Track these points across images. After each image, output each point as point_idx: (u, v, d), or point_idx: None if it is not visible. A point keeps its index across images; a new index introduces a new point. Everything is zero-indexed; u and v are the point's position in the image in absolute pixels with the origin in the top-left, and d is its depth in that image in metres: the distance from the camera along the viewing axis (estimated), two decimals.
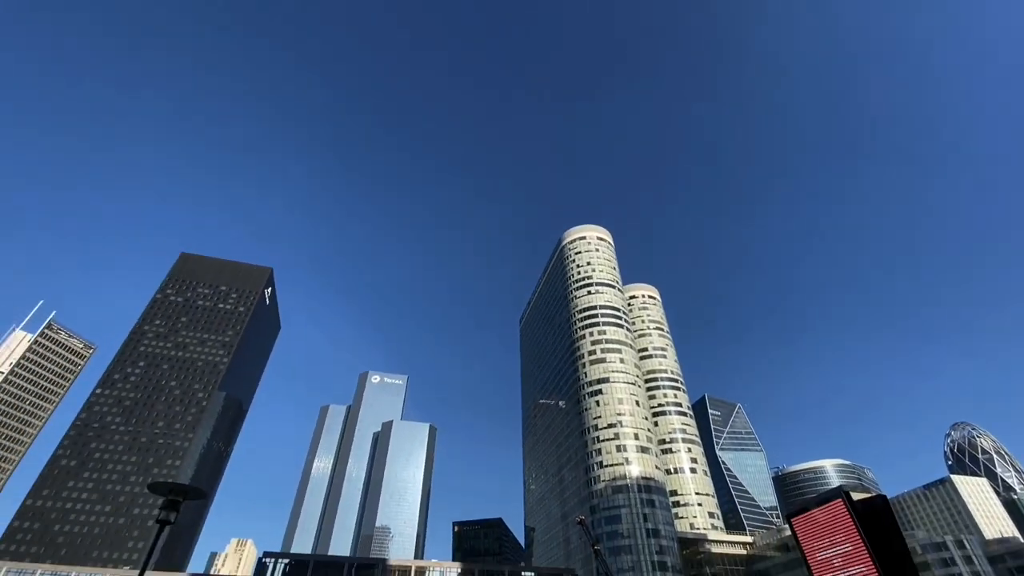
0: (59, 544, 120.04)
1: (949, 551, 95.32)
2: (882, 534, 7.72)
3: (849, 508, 7.66)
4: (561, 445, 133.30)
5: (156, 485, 8.09)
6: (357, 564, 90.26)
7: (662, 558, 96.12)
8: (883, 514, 7.80)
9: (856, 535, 7.50)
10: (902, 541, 7.80)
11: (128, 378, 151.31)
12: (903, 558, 7.63)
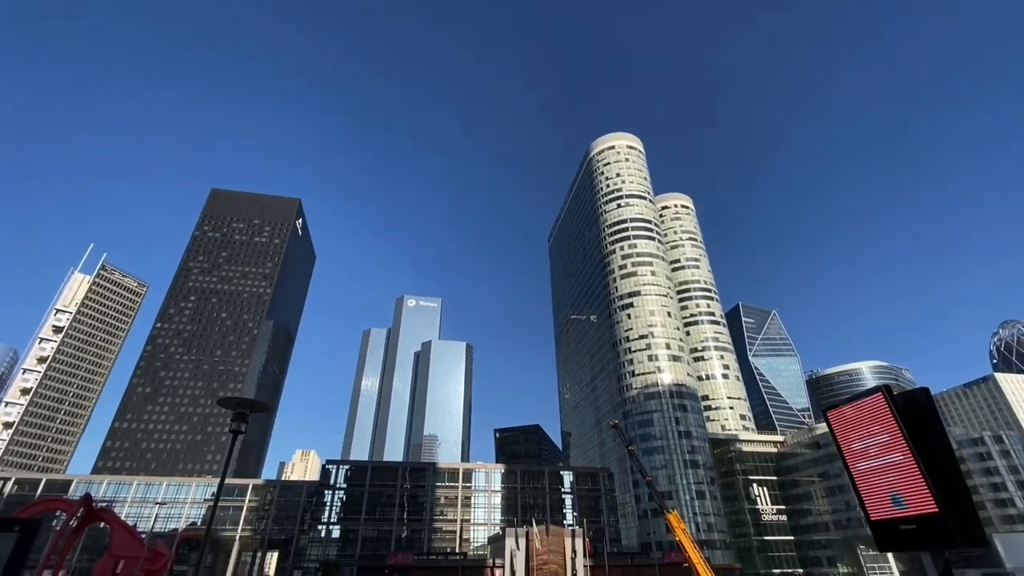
0: (148, 459, 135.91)
1: (986, 446, 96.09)
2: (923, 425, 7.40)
3: (889, 400, 7.33)
4: (593, 357, 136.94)
5: (225, 400, 8.71)
6: (410, 468, 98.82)
7: (693, 457, 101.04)
8: (925, 406, 7.43)
9: (895, 426, 7.23)
10: (943, 432, 7.46)
11: (183, 312, 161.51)
12: (944, 448, 7.32)
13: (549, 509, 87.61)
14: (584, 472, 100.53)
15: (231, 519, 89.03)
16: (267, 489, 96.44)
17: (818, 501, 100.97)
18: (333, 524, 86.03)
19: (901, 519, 7.66)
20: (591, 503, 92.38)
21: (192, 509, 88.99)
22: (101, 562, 39.95)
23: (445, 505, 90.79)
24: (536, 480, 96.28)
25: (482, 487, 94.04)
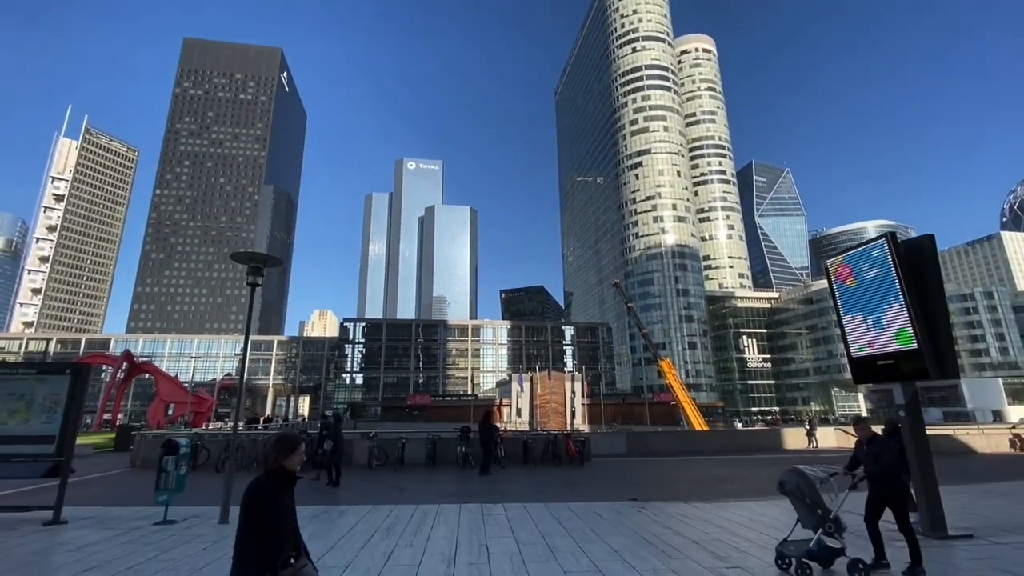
0: (175, 319, 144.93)
1: (975, 301, 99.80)
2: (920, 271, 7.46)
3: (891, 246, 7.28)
4: (598, 219, 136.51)
5: (238, 255, 8.80)
6: (423, 324, 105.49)
7: (689, 312, 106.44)
8: (926, 253, 7.39)
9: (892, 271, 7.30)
10: (939, 277, 7.56)
11: (180, 177, 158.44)
12: (936, 293, 7.50)
13: (551, 359, 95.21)
14: (584, 327, 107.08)
15: (262, 370, 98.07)
16: (291, 344, 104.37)
17: (802, 351, 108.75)
18: (356, 373, 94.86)
19: (880, 355, 8.16)
20: (590, 353, 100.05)
21: (225, 362, 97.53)
22: (153, 406, 44.83)
23: (456, 356, 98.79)
24: (539, 335, 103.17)
25: (489, 341, 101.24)
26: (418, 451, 17.50)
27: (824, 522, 5.26)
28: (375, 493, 11.29)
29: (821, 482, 5.42)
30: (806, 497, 5.39)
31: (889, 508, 5.60)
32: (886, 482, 5.60)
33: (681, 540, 6.96)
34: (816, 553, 5.25)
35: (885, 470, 5.59)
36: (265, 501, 2.55)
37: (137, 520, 8.07)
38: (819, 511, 5.30)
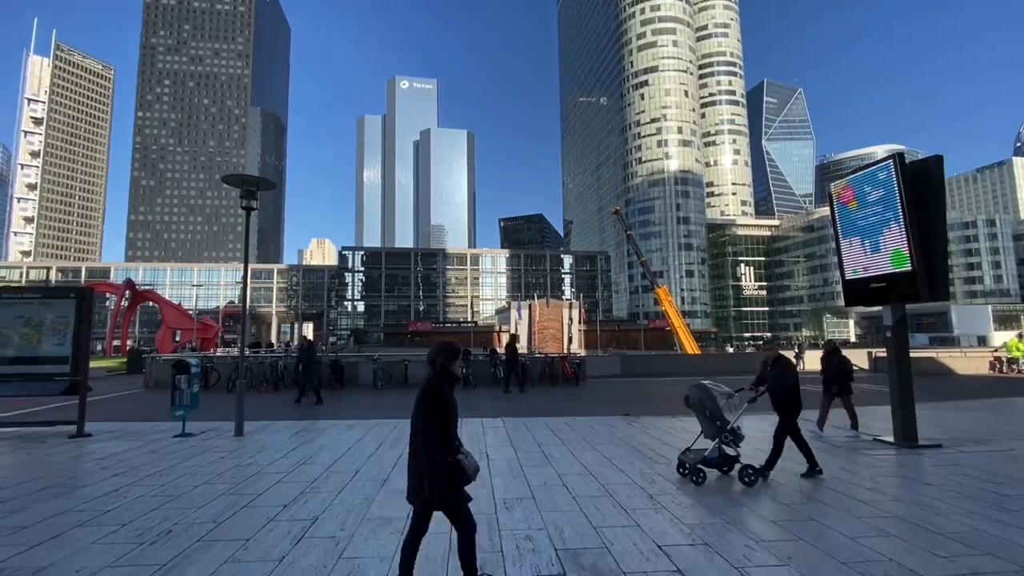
0: (173, 248, 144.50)
1: (976, 229, 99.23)
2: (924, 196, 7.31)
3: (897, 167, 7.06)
4: (600, 144, 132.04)
5: (229, 177, 8.59)
6: (422, 253, 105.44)
7: (688, 240, 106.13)
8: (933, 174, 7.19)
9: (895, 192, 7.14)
10: (942, 200, 7.46)
11: (161, 99, 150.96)
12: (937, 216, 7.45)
13: (550, 287, 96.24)
14: (583, 255, 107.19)
15: (264, 298, 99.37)
16: (291, 273, 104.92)
17: (798, 278, 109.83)
18: (357, 300, 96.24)
19: (874, 278, 8.27)
20: (588, 282, 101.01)
21: (227, 290, 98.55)
22: (160, 333, 45.84)
23: (456, 284, 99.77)
24: (538, 263, 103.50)
25: (489, 269, 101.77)
26: (421, 372, 18.19)
27: (721, 432, 5.61)
28: (381, 409, 11.89)
29: (727, 397, 5.73)
30: (706, 410, 5.72)
31: (780, 418, 5.95)
32: (784, 400, 5.90)
33: (668, 449, 7.45)
34: (712, 460, 5.67)
35: (784, 390, 5.88)
36: (443, 395, 2.95)
37: (157, 433, 8.56)
38: (718, 423, 5.64)
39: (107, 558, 3.70)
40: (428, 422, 2.88)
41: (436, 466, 2.88)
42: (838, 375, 8.50)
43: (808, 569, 3.56)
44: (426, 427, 2.88)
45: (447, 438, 2.95)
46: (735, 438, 5.67)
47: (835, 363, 8.57)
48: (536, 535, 4.16)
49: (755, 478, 5.51)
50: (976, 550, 3.89)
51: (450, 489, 2.95)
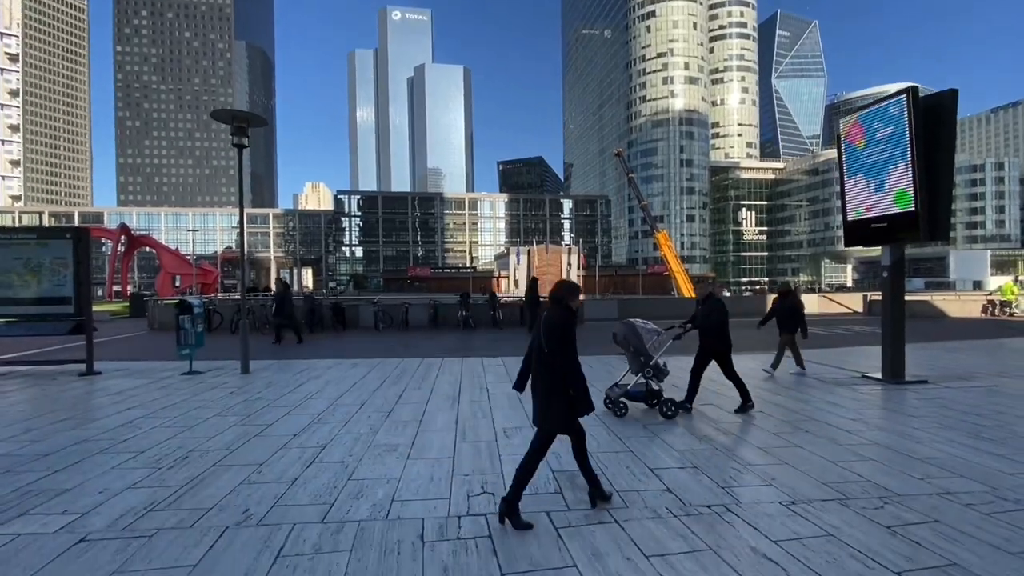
0: (165, 192, 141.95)
1: (983, 172, 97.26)
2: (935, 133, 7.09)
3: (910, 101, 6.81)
4: (603, 81, 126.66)
5: (218, 112, 8.24)
6: (419, 197, 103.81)
7: (691, 184, 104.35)
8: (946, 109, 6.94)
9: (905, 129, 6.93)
10: (952, 137, 7.25)
11: (140, 32, 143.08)
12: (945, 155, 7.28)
13: (549, 232, 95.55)
14: (583, 200, 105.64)
15: (261, 243, 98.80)
16: (287, 217, 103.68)
17: (799, 223, 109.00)
18: (355, 246, 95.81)
19: (875, 218, 8.22)
20: (588, 227, 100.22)
21: (223, 235, 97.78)
22: (160, 278, 45.89)
23: (454, 230, 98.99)
24: (538, 208, 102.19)
25: (487, 214, 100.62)
26: (421, 315, 18.46)
27: (644, 368, 5.77)
28: (383, 349, 12.16)
29: (653, 334, 5.87)
30: (630, 346, 5.86)
31: (715, 361, 6.10)
32: (714, 337, 6.03)
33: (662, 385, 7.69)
34: (635, 394, 5.86)
35: (713, 327, 5.99)
36: (572, 327, 3.27)
37: (165, 372, 8.79)
38: (641, 358, 5.78)
39: (128, 481, 3.90)
40: (570, 351, 3.20)
41: (583, 387, 3.24)
42: (790, 315, 8.55)
43: (790, 489, 3.78)
44: (570, 355, 3.20)
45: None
46: (657, 373, 5.81)
47: (788, 305, 8.63)
48: None
49: (674, 411, 5.71)
50: (951, 473, 4.12)
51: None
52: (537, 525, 3.17)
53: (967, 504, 3.52)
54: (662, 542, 2.98)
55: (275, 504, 3.47)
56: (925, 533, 3.10)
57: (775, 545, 2.95)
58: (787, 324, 8.56)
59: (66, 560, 2.76)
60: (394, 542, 2.96)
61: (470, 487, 3.79)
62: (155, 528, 3.13)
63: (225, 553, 2.83)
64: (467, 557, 2.80)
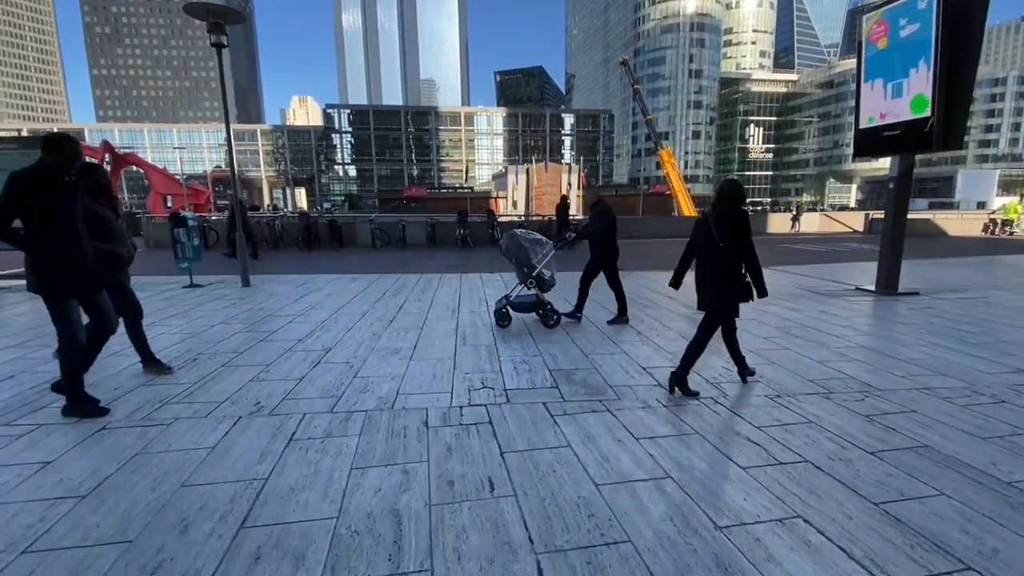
0: (146, 107, 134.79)
1: (1004, 87, 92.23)
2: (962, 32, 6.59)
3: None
4: None
5: (191, 6, 7.60)
6: (412, 112, 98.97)
7: (698, 97, 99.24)
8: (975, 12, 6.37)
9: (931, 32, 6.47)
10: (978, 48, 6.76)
11: None
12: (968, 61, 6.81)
13: (549, 150, 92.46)
14: (585, 114, 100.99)
15: (252, 162, 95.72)
16: (276, 134, 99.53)
17: (807, 141, 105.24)
18: (348, 164, 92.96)
19: (888, 126, 7.89)
20: (589, 144, 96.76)
21: (211, 153, 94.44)
22: (151, 199, 44.75)
23: (450, 147, 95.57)
24: (537, 123, 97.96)
25: (484, 130, 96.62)
26: (419, 233, 18.33)
27: (527, 278, 5.69)
28: (382, 266, 12.19)
29: (536, 244, 5.77)
30: (513, 257, 5.77)
31: (603, 271, 6.04)
32: (600, 244, 5.92)
33: (658, 296, 7.81)
34: (519, 304, 5.82)
35: (598, 234, 5.87)
36: (747, 222, 3.61)
37: (166, 285, 8.86)
38: (525, 268, 5.72)
39: (141, 380, 4.05)
40: (748, 244, 3.57)
41: (761, 275, 3.62)
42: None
43: (777, 385, 3.96)
44: (749, 248, 3.57)
45: None
46: (541, 284, 5.71)
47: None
48: (532, 360, 4.53)
49: (557, 320, 5.76)
50: (932, 372, 4.29)
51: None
52: (534, 414, 3.35)
53: (945, 398, 3.70)
54: (651, 427, 3.16)
55: (285, 398, 3.63)
56: (901, 421, 3.29)
57: (758, 430, 3.13)
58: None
59: (90, 443, 2.93)
60: (400, 428, 3.13)
61: (471, 383, 3.95)
62: (172, 418, 3.29)
63: (240, 437, 3.01)
64: (469, 439, 2.98)
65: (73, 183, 3.24)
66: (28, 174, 3.06)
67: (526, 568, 1.91)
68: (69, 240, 3.20)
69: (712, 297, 3.68)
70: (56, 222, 3.15)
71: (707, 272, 3.68)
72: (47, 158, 3.12)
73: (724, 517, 2.23)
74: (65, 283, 3.24)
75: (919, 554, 2.00)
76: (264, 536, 2.09)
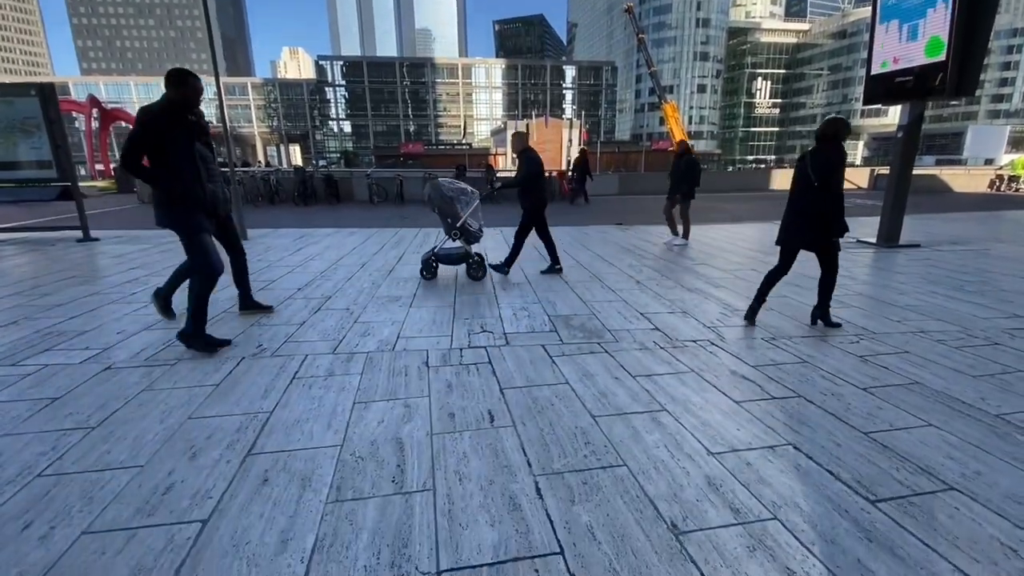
0: (131, 59, 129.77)
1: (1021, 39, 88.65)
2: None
3: None
4: None
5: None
6: (408, 64, 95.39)
7: (705, 49, 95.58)
8: None
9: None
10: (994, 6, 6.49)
11: None
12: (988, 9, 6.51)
13: (549, 104, 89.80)
14: (587, 67, 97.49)
15: (243, 117, 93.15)
16: (267, 87, 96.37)
17: (816, 95, 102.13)
18: (343, 120, 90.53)
19: (901, 71, 7.62)
20: (591, 98, 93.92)
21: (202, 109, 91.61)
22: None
23: (447, 101, 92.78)
24: (537, 76, 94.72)
25: (482, 83, 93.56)
26: (416, 188, 18.05)
27: (452, 229, 5.53)
28: (380, 220, 12.08)
29: (463, 193, 5.60)
30: (436, 208, 5.62)
31: (536, 228, 5.87)
32: (524, 194, 5.72)
33: (657, 248, 7.79)
34: (444, 256, 5.69)
35: (526, 182, 5.65)
36: (843, 163, 3.76)
37: (164, 238, 8.79)
38: (449, 220, 5.56)
39: (143, 323, 4.09)
40: (838, 183, 3.67)
41: (843, 211, 3.76)
42: (685, 176, 7.93)
43: (773, 328, 4.00)
44: (840, 186, 3.68)
45: None
46: (467, 235, 5.54)
47: (683, 164, 7.96)
48: (532, 307, 4.56)
49: (484, 273, 5.66)
50: (927, 317, 4.33)
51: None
52: (533, 355, 3.39)
53: (938, 340, 3.75)
54: (649, 366, 3.21)
55: (286, 341, 3.67)
56: (894, 361, 3.34)
57: (753, 369, 3.19)
58: (681, 186, 7.97)
59: (97, 382, 2.98)
60: (401, 367, 3.18)
61: (471, 327, 3.98)
62: (175, 358, 3.33)
63: (244, 376, 3.06)
64: (469, 377, 3.03)
65: (193, 120, 3.30)
66: (156, 110, 3.12)
67: (525, 488, 1.98)
68: (192, 177, 3.28)
69: (806, 234, 3.88)
70: (179, 159, 3.22)
71: (799, 211, 3.84)
72: (172, 94, 3.17)
73: (717, 445, 2.30)
74: (195, 216, 3.36)
75: (904, 476, 2.07)
76: (271, 461, 2.16)
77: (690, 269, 6.24)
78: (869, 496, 1.94)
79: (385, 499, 1.91)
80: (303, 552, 1.65)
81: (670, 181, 8.13)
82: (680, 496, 1.93)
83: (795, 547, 1.68)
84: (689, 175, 7.94)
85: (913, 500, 1.92)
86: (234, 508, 1.86)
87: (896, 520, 1.81)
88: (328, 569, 1.58)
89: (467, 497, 1.92)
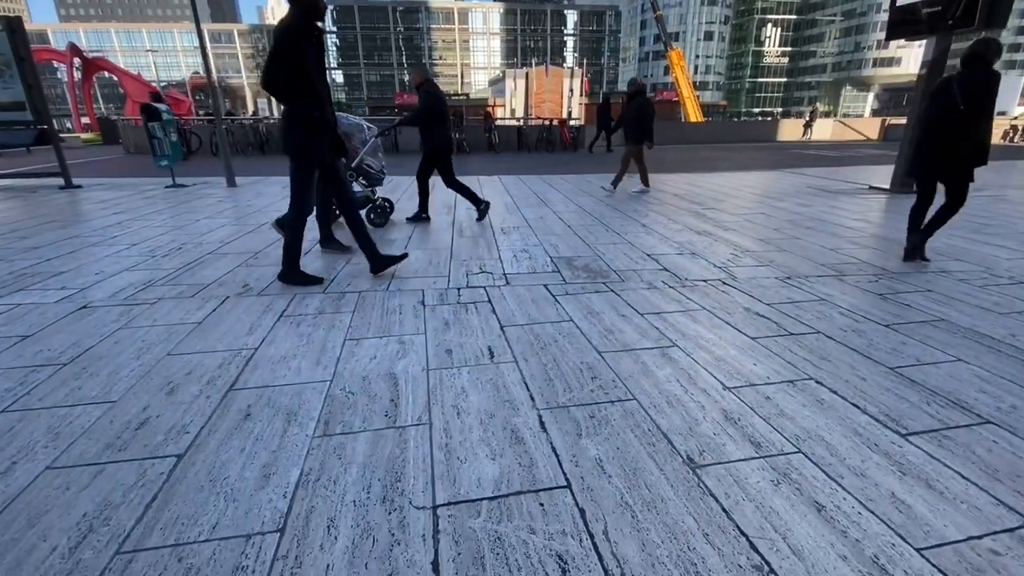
0: (110, 4, 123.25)
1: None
2: None
3: None
4: None
5: None
6: (402, 8, 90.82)
7: None
8: None
9: None
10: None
11: None
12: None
13: (550, 52, 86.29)
14: (590, 11, 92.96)
15: (231, 67, 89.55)
16: (254, 35, 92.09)
17: (827, 43, 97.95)
18: (335, 70, 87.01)
19: (928, 1, 7.09)
20: (593, 46, 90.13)
21: (186, 58, 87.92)
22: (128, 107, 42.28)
23: (443, 49, 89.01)
24: (538, 22, 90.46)
25: (480, 29, 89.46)
26: (412, 138, 17.44)
27: (348, 170, 4.99)
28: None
29: (360, 130, 5.01)
30: None
31: (437, 169, 5.45)
32: (426, 135, 5.22)
33: (663, 195, 7.49)
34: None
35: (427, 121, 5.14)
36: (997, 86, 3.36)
37: (148, 185, 8.46)
38: (343, 159, 5.01)
39: (123, 265, 3.88)
40: (990, 110, 3.36)
41: (990, 141, 3.49)
42: (636, 121, 7.19)
43: (788, 269, 3.80)
44: (992, 113, 3.38)
45: None
46: (367, 177, 5.06)
47: (635, 107, 7.21)
48: (533, 249, 4.35)
49: (384, 220, 5.28)
50: (949, 258, 4.13)
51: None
52: (535, 294, 3.21)
53: (961, 280, 3.56)
54: (657, 304, 3.03)
55: (274, 280, 3.48)
56: (917, 299, 3.16)
57: (768, 307, 3.01)
58: (633, 132, 7.28)
59: (71, 320, 2.80)
60: (395, 306, 3.00)
61: (469, 268, 3.79)
62: (156, 298, 3.15)
63: (229, 314, 2.88)
64: (467, 315, 2.86)
65: (320, 36, 3.00)
66: (293, 25, 2.84)
67: (528, 422, 1.83)
68: (328, 100, 3.05)
69: (948, 169, 3.64)
70: (315, 79, 2.97)
71: (940, 144, 3.58)
72: (298, 8, 2.89)
73: (733, 379, 2.15)
74: (320, 146, 3.14)
75: (935, 410, 1.93)
76: (255, 396, 2.00)
77: (698, 213, 5.99)
78: (900, 430, 1.80)
79: (377, 433, 1.77)
80: (286, 486, 1.51)
81: (624, 127, 7.45)
82: (696, 430, 1.79)
83: (823, 480, 1.54)
84: (641, 120, 7.17)
85: (947, 434, 1.78)
86: (212, 443, 1.72)
87: (930, 453, 1.67)
88: (314, 504, 1.44)
89: (465, 431, 1.77)
